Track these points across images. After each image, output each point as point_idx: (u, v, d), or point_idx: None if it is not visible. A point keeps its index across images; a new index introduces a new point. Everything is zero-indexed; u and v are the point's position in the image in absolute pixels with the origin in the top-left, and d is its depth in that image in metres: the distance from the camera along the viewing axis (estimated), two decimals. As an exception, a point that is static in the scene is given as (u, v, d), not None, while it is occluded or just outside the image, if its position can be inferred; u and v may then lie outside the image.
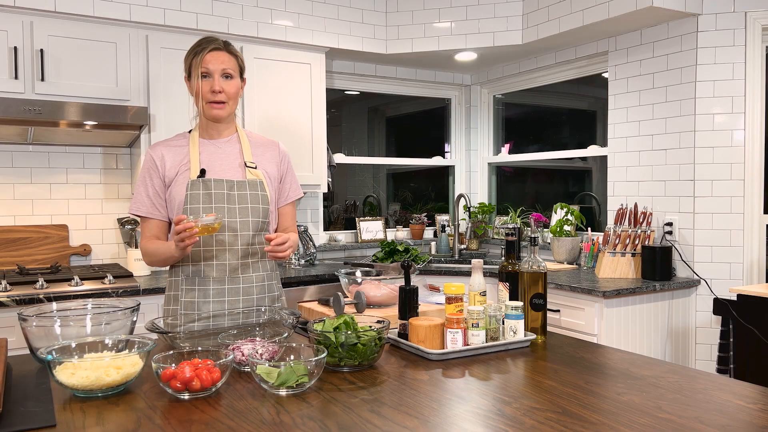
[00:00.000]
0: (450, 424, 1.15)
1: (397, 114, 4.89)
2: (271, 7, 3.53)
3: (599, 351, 1.69)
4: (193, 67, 1.89)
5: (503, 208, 4.60)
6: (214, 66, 1.86)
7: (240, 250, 1.91)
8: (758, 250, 3.18)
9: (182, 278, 1.93)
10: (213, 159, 1.93)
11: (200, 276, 1.90)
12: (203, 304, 1.90)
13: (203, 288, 1.90)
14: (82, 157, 3.37)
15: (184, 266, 1.92)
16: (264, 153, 2.02)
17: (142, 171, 1.95)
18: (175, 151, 1.94)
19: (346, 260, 3.81)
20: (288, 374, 1.31)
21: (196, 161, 1.90)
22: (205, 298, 1.89)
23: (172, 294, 1.97)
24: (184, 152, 1.94)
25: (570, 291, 3.00)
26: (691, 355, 3.23)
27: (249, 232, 1.92)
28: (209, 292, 1.89)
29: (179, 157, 1.93)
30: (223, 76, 1.89)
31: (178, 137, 2.00)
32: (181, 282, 1.93)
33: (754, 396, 1.31)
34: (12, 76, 2.86)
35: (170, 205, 1.92)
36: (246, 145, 1.99)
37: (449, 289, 1.64)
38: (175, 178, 1.91)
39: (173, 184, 1.91)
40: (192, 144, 1.94)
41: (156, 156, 1.93)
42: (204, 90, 1.87)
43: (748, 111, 3.12)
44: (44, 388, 1.37)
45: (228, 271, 1.91)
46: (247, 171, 1.94)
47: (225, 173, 1.92)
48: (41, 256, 3.22)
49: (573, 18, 3.40)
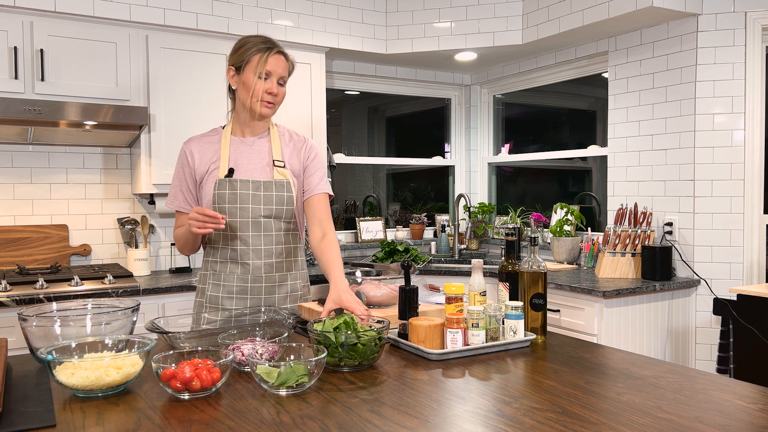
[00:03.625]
0: (450, 424, 1.15)
1: (397, 114, 4.89)
2: (271, 7, 3.53)
3: (599, 351, 1.69)
4: (254, 63, 1.89)
5: (503, 208, 4.61)
6: (276, 70, 1.91)
7: (263, 250, 1.95)
8: (758, 250, 3.18)
9: (210, 273, 2.01)
10: (242, 158, 1.96)
11: (225, 273, 1.97)
12: (226, 299, 1.96)
13: (228, 284, 1.97)
14: (82, 157, 3.37)
15: (213, 261, 2.00)
16: (293, 150, 2.04)
17: (177, 165, 2.02)
18: (207, 148, 1.98)
19: (346, 260, 3.80)
20: (288, 374, 1.31)
21: (226, 160, 1.94)
22: (229, 294, 1.96)
23: (200, 287, 2.05)
24: (215, 149, 1.98)
25: (570, 291, 3.00)
26: (691, 355, 3.23)
27: (272, 233, 1.96)
28: (233, 289, 1.96)
29: (209, 154, 1.97)
30: (279, 81, 1.94)
31: (213, 132, 2.03)
32: (209, 276, 2.01)
33: (754, 396, 1.31)
34: (12, 76, 2.86)
35: (201, 202, 1.98)
36: (276, 143, 2.00)
37: (449, 289, 1.64)
38: (206, 175, 1.96)
39: (204, 182, 1.96)
40: (224, 141, 1.97)
41: (188, 152, 1.99)
42: (262, 89, 1.90)
43: (748, 111, 3.12)
44: (44, 388, 1.37)
45: (251, 270, 1.95)
46: (275, 170, 1.96)
47: (253, 173, 1.95)
48: (41, 256, 3.22)
49: (573, 18, 3.40)
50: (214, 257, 2.00)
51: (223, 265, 1.97)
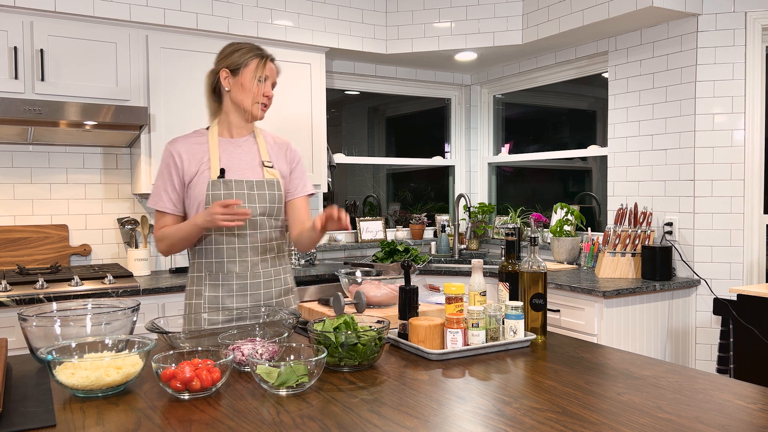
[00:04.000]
0: (450, 424, 1.15)
1: (397, 114, 4.89)
2: (271, 7, 3.53)
3: (599, 351, 1.69)
4: (253, 67, 1.98)
5: (503, 208, 4.61)
6: (271, 75, 2.03)
7: (259, 247, 2.01)
8: (758, 250, 3.18)
9: (205, 274, 1.99)
10: (232, 158, 2.00)
11: (223, 272, 1.98)
12: (227, 298, 1.98)
13: (227, 284, 1.98)
14: (82, 157, 3.37)
15: (207, 262, 1.99)
16: (278, 152, 2.11)
17: (161, 166, 2.01)
18: (194, 149, 1.99)
19: (346, 260, 3.81)
20: (288, 374, 1.31)
21: (216, 161, 1.96)
22: (229, 293, 1.98)
23: (194, 289, 2.03)
24: (203, 150, 1.99)
25: (570, 291, 3.00)
26: (691, 355, 3.23)
27: (267, 230, 2.02)
28: (233, 287, 1.98)
29: (198, 155, 1.98)
30: (271, 85, 2.05)
31: (196, 134, 2.04)
32: (204, 278, 2.00)
33: (754, 396, 1.31)
34: (12, 76, 2.86)
35: (189, 202, 1.97)
36: (263, 144, 2.07)
37: (449, 289, 1.64)
38: (195, 177, 1.96)
39: (193, 183, 1.96)
40: (212, 142, 1.99)
41: (175, 153, 1.98)
42: (260, 93, 2.00)
43: (748, 111, 3.12)
44: (44, 388, 1.37)
45: (249, 266, 2.00)
46: (264, 170, 2.02)
47: (245, 173, 1.99)
48: (41, 256, 3.22)
49: (573, 18, 3.40)
50: (208, 257, 1.99)
51: (219, 265, 1.98)
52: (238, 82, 1.97)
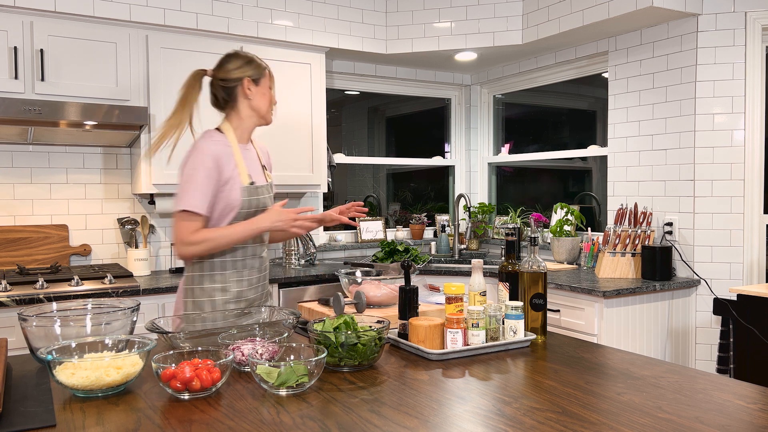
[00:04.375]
0: (450, 424, 1.15)
1: (397, 114, 4.88)
2: (271, 7, 3.53)
3: (599, 351, 1.69)
4: (268, 76, 2.13)
5: (503, 208, 4.61)
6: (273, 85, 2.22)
7: (266, 243, 2.20)
8: (758, 250, 3.18)
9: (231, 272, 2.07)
10: (247, 163, 2.11)
11: (247, 269, 2.11)
12: (249, 291, 2.10)
13: (249, 278, 2.11)
14: (82, 157, 3.37)
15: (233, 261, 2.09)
16: (265, 156, 2.28)
17: (198, 167, 1.95)
18: (225, 152, 2.02)
19: (346, 260, 3.81)
20: (288, 374, 1.31)
21: (243, 166, 2.05)
22: (250, 287, 2.11)
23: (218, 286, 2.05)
24: (229, 153, 2.03)
25: (570, 291, 3.00)
26: (691, 355, 3.23)
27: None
28: (253, 281, 2.13)
29: (230, 160, 2.02)
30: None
31: (217, 137, 2.03)
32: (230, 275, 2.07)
33: (754, 396, 1.31)
34: (12, 76, 2.86)
35: (218, 206, 1.99)
36: (257, 150, 2.21)
37: (449, 289, 1.64)
38: (230, 181, 2.00)
39: (227, 188, 1.99)
40: (235, 148, 2.06)
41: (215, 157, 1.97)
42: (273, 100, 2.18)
43: (748, 111, 3.12)
44: (44, 388, 1.37)
45: (264, 261, 2.18)
46: (265, 174, 2.18)
47: (258, 177, 2.12)
48: (41, 256, 3.22)
49: (573, 18, 3.40)
50: (233, 256, 2.06)
51: (243, 262, 2.09)
52: (260, 91, 2.10)
